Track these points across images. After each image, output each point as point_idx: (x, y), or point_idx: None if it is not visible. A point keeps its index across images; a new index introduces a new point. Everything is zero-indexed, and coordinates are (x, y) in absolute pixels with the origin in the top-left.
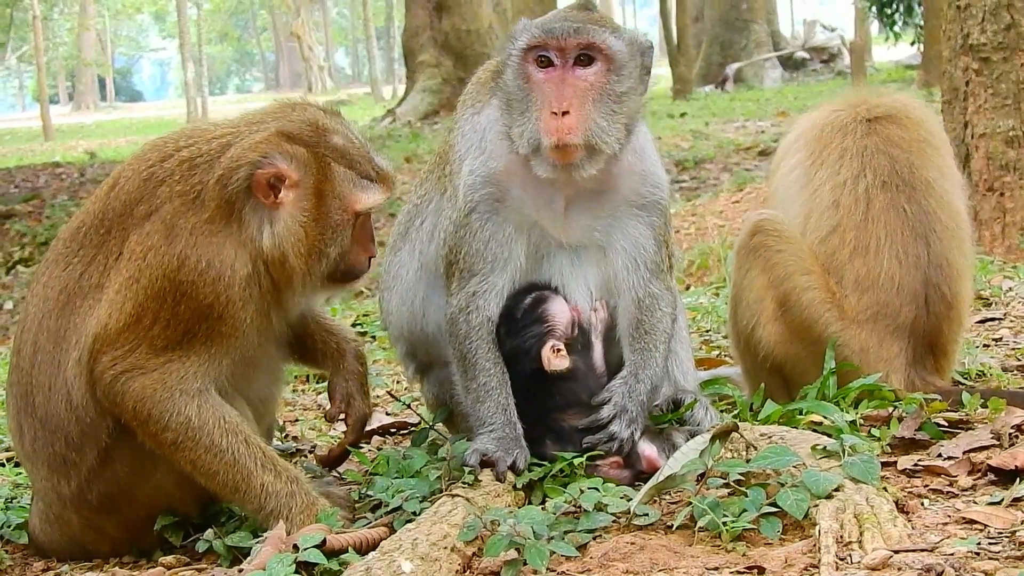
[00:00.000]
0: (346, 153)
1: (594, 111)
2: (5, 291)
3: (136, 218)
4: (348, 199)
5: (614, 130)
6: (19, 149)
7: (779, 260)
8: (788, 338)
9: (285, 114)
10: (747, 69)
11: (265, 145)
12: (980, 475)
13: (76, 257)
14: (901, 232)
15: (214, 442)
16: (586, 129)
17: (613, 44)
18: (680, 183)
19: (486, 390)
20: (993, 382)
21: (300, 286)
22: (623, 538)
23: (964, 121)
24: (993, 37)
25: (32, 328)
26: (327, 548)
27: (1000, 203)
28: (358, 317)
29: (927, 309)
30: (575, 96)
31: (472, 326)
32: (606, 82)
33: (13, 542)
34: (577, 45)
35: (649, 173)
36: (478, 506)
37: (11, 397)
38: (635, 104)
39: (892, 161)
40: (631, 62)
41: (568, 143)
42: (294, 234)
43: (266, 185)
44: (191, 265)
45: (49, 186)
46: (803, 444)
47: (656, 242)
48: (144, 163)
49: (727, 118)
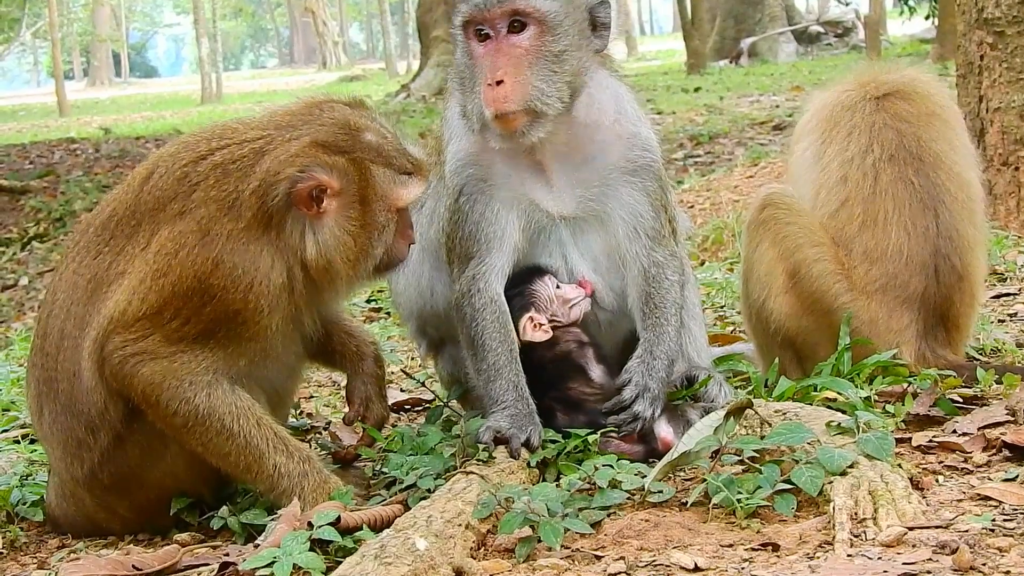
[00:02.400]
0: (382, 151)
1: (531, 75)
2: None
3: (169, 214)
4: (390, 198)
5: (554, 90)
6: (34, 125)
7: (788, 233)
8: (799, 310)
9: (315, 117)
10: (761, 43)
11: (302, 158)
12: (995, 451)
13: (107, 247)
14: (909, 204)
15: (225, 425)
16: (522, 94)
17: (540, 5)
18: (695, 158)
19: (496, 369)
20: (1008, 357)
21: (343, 287)
22: (637, 515)
23: (979, 95)
24: (1008, 11)
25: (60, 315)
26: (341, 525)
27: (1015, 177)
28: (372, 293)
29: (937, 280)
30: (509, 64)
31: (476, 308)
32: (541, 44)
33: (28, 519)
34: (503, 13)
35: (635, 135)
36: (492, 483)
37: (33, 379)
38: (578, 61)
39: (900, 135)
40: (567, 19)
41: (505, 111)
42: (342, 242)
43: (308, 197)
44: (225, 271)
45: (64, 162)
46: (817, 421)
47: (653, 208)
48: (178, 162)
49: (741, 92)
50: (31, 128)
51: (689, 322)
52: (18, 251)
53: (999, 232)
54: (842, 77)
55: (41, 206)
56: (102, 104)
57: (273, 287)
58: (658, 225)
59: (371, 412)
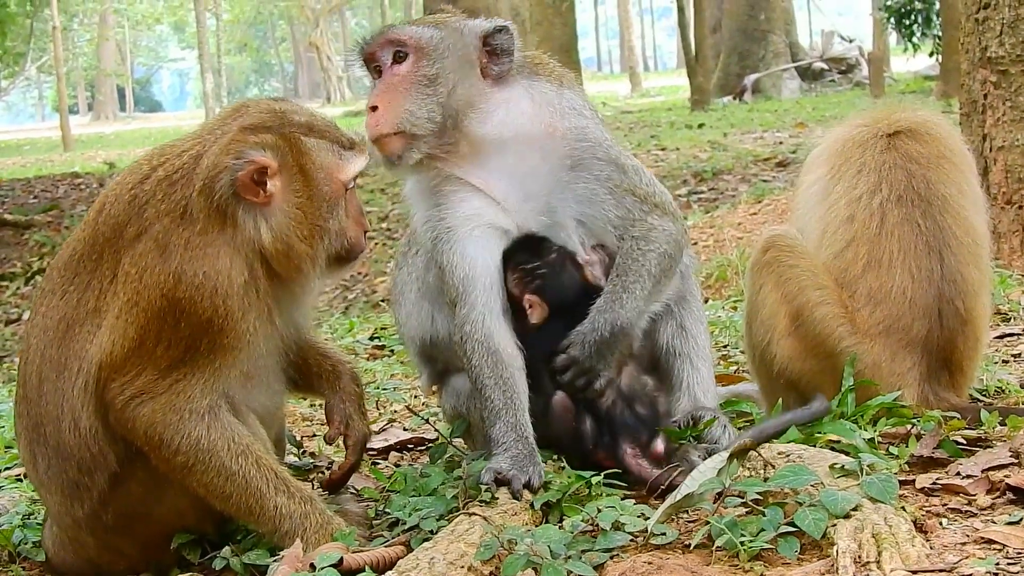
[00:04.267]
0: (312, 126)
1: (403, 100)
2: (24, 301)
3: (126, 240)
4: (332, 170)
5: (424, 112)
6: (38, 159)
7: (792, 275)
8: (802, 353)
9: (241, 113)
10: (765, 80)
11: (234, 145)
12: (999, 494)
13: (72, 285)
14: (915, 246)
15: (225, 465)
16: (393, 118)
17: (415, 33)
18: (698, 194)
19: (495, 412)
20: (1012, 399)
21: (307, 271)
22: (640, 557)
23: (983, 134)
24: (1012, 50)
25: (35, 360)
26: (344, 567)
27: (1019, 216)
28: (376, 330)
29: (940, 323)
30: (384, 91)
31: (468, 352)
32: (416, 70)
33: (30, 559)
34: (383, 44)
35: (574, 128)
36: (495, 525)
37: (21, 427)
38: (455, 83)
39: (909, 176)
40: (444, 45)
41: (379, 134)
42: (293, 218)
43: (252, 183)
44: (188, 280)
45: (68, 196)
46: (821, 463)
47: (613, 194)
48: (125, 186)
49: (745, 129)
50: (35, 162)
51: (697, 361)
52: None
53: (1003, 271)
54: (857, 113)
55: (45, 240)
56: (106, 139)
57: (237, 287)
58: (622, 211)
59: (352, 430)
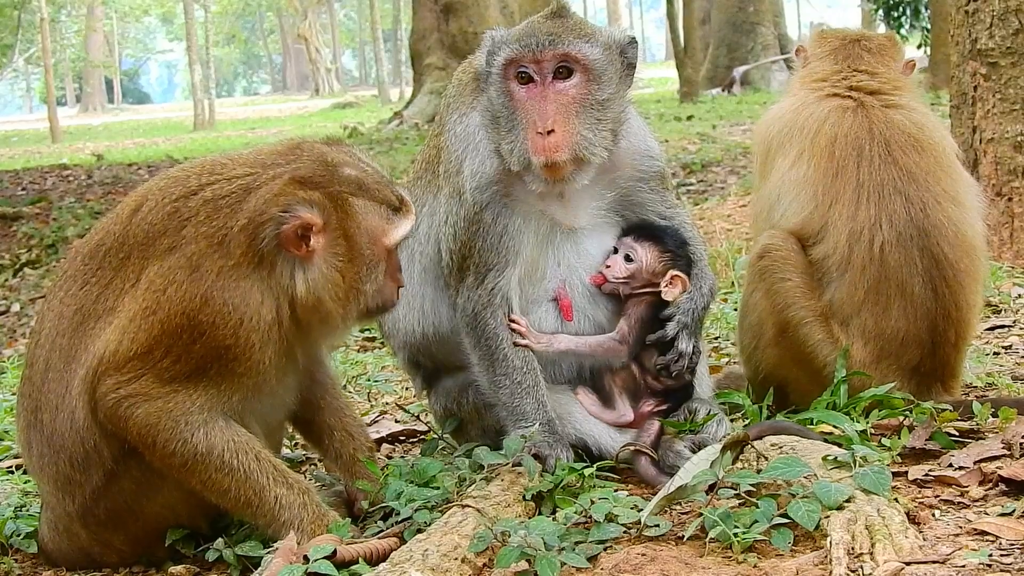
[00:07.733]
0: (362, 184)
1: (578, 124)
2: (12, 293)
3: (158, 250)
4: (376, 233)
5: (600, 139)
6: (26, 151)
7: (781, 288)
8: (788, 362)
9: (296, 156)
10: (754, 72)
11: (284, 196)
12: (991, 485)
13: (94, 277)
14: (912, 288)
15: (224, 462)
16: (572, 144)
17: (589, 53)
18: (687, 186)
19: (523, 387)
20: (1003, 391)
21: (334, 327)
22: (634, 549)
23: (972, 126)
24: (1001, 42)
25: (46, 344)
26: (337, 559)
27: (1008, 208)
28: None
29: (933, 353)
30: (558, 112)
31: (499, 322)
32: (587, 92)
33: (23, 551)
34: (553, 57)
35: (647, 149)
36: (488, 517)
37: (21, 409)
38: (619, 107)
39: (908, 204)
40: (610, 67)
41: (556, 161)
42: (330, 280)
43: (296, 237)
44: (215, 307)
45: (56, 188)
46: (814, 455)
47: (657, 193)
48: (168, 196)
49: (734, 121)
50: (23, 154)
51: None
52: (10, 277)
53: (993, 263)
54: (809, 72)
55: (33, 232)
56: (95, 130)
57: (263, 323)
58: (667, 205)
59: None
